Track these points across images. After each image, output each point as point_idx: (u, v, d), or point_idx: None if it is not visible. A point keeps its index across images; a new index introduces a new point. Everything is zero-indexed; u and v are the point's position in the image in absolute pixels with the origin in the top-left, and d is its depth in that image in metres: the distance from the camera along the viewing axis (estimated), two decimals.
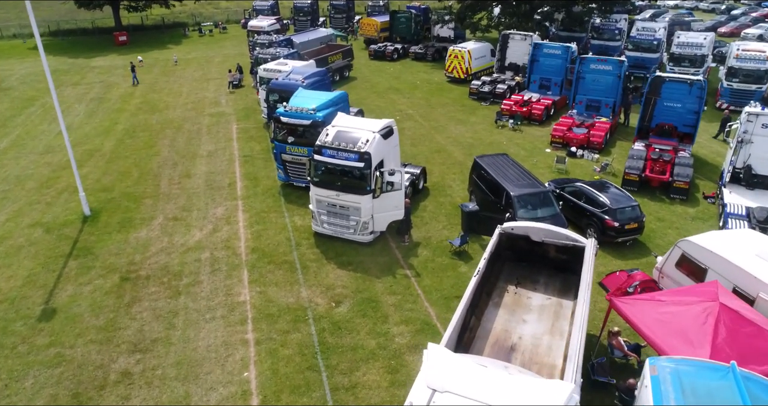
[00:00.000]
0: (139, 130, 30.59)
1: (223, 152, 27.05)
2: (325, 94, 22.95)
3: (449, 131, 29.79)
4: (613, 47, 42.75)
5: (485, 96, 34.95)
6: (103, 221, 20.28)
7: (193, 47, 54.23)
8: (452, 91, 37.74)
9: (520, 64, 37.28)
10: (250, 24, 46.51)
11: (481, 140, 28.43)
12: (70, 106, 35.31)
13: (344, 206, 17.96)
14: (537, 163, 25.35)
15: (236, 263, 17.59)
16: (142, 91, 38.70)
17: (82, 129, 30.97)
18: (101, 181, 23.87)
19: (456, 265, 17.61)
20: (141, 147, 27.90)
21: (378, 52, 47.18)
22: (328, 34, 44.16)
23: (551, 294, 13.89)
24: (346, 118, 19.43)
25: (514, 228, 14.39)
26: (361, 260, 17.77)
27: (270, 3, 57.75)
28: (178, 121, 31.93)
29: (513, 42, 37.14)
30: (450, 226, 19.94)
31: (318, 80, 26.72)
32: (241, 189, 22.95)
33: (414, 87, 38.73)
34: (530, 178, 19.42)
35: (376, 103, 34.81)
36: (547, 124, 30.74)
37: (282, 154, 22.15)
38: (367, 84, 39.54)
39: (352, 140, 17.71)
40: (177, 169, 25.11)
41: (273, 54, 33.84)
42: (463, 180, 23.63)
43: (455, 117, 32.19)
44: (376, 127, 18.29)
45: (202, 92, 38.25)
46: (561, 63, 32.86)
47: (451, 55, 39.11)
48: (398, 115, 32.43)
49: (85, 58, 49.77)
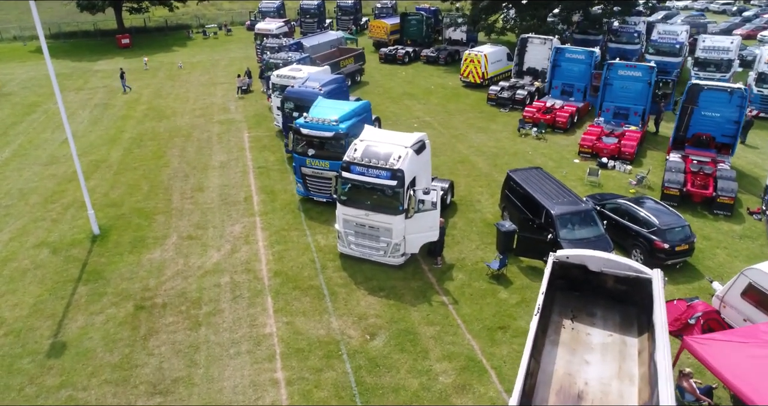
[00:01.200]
0: (147, 138, 29.33)
1: (236, 163, 25.79)
2: (347, 104, 21.71)
3: (471, 140, 28.55)
4: (631, 51, 41.58)
5: (504, 102, 33.73)
6: (114, 241, 19.01)
7: (198, 50, 52.98)
8: (469, 96, 36.51)
9: (539, 69, 36.06)
10: (257, 27, 45.27)
11: (504, 150, 27.20)
12: (74, 113, 34.04)
13: (374, 227, 16.71)
14: (567, 175, 24.11)
15: (259, 289, 16.33)
16: (147, 96, 37.43)
17: (86, 137, 29.70)
18: (109, 195, 22.60)
19: (495, 290, 16.37)
20: (149, 157, 26.63)
21: (389, 55, 45.94)
22: (338, 37, 42.90)
23: (612, 330, 12.63)
24: (375, 132, 18.18)
25: (570, 257, 13.15)
26: (393, 285, 16.53)
27: (276, 4, 56.50)
28: (186, 129, 30.68)
29: (532, 46, 35.91)
30: (484, 246, 18.71)
31: (336, 88, 25.47)
32: (258, 204, 21.69)
33: (429, 92, 37.50)
34: (570, 195, 18.19)
35: (391, 110, 33.57)
36: (571, 133, 29.55)
37: (302, 167, 20.90)
38: (380, 89, 38.30)
39: (382, 156, 16.45)
40: (189, 181, 23.85)
41: (284, 59, 32.58)
42: (491, 193, 22.41)
43: (475, 124, 30.96)
44: (408, 141, 17.03)
45: (209, 98, 36.99)
46: (584, 68, 31.63)
47: (466, 59, 37.88)
48: (415, 123, 31.22)
49: (87, 61, 48.51)
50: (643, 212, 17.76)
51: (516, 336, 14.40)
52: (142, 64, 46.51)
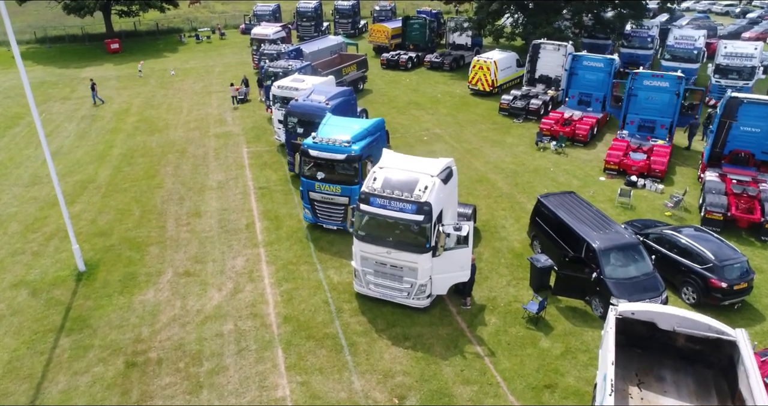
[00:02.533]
0: (138, 154, 27.24)
1: (236, 183, 23.79)
2: (359, 122, 19.78)
3: (486, 155, 26.69)
4: (644, 56, 39.93)
5: (517, 112, 31.90)
6: (101, 279, 16.98)
7: (191, 55, 50.80)
8: (478, 105, 34.66)
9: (552, 77, 34.29)
10: (253, 32, 43.20)
11: (524, 166, 25.35)
12: (59, 126, 31.88)
13: (397, 266, 14.79)
14: (594, 195, 22.31)
15: (267, 339, 14.37)
16: (138, 107, 35.29)
17: (72, 154, 27.58)
18: (97, 222, 20.54)
19: (534, 338, 14.50)
20: (141, 177, 24.57)
21: (391, 61, 44.01)
22: (338, 43, 40.95)
23: (688, 398, 10.81)
24: (395, 157, 16.23)
25: (636, 312, 11.31)
26: (419, 332, 14.62)
27: (272, 8, 54.42)
28: (180, 144, 28.62)
29: (545, 52, 34.11)
30: (515, 282, 16.84)
31: (343, 101, 23.53)
32: (261, 232, 19.72)
33: (436, 101, 35.62)
34: (611, 225, 16.35)
35: (398, 121, 31.66)
36: (592, 146, 27.76)
37: (310, 192, 18.96)
38: (384, 98, 36.37)
39: (406, 186, 14.53)
40: (184, 205, 21.83)
41: (285, 68, 30.59)
42: (515, 217, 20.56)
43: (489, 137, 29.10)
44: (434, 169, 15.11)
45: (204, 108, 34.92)
46: (603, 77, 29.86)
47: (475, 66, 36.03)
48: (425, 136, 29.34)
49: (75, 67, 46.25)
50: (695, 244, 15.93)
51: (566, 397, 12.54)
52: (133, 71, 44.33)
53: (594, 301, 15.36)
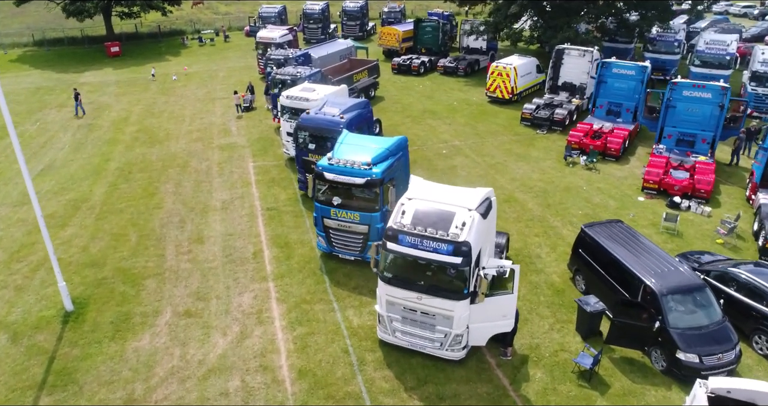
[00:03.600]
0: (136, 169, 25.33)
1: (241, 203, 21.86)
2: (379, 141, 17.80)
3: (511, 171, 24.70)
4: (670, 61, 37.91)
5: (541, 123, 29.88)
6: (91, 320, 15.05)
7: (194, 59, 48.89)
8: (498, 114, 32.66)
9: (576, 84, 32.28)
10: (258, 35, 41.24)
11: (553, 184, 23.35)
12: (53, 137, 30.00)
13: (429, 313, 12.84)
14: (635, 219, 20.31)
15: (279, 399, 12.43)
16: (138, 115, 33.40)
17: (66, 168, 25.69)
18: (89, 249, 18.62)
19: (589, 398, 12.53)
20: (139, 195, 22.65)
21: (403, 65, 42.02)
22: (348, 47, 38.95)
23: None
24: (426, 187, 14.24)
25: (732, 391, 9.33)
26: (454, 390, 12.65)
27: (277, 9, 52.48)
28: (182, 157, 26.70)
29: (568, 58, 32.10)
30: (559, 325, 14.86)
31: (359, 115, 21.57)
32: (270, 262, 17.77)
33: (452, 109, 33.63)
34: (671, 262, 14.37)
35: (413, 132, 29.67)
36: (624, 161, 25.73)
37: (324, 218, 17.01)
38: (397, 106, 34.40)
39: (441, 222, 12.55)
40: (185, 229, 19.91)
41: (293, 75, 28.63)
42: (551, 245, 18.58)
43: (512, 150, 27.10)
44: (471, 201, 13.12)
45: (208, 116, 33.01)
46: (635, 85, 27.83)
47: (494, 72, 34.01)
48: (444, 149, 27.36)
49: (73, 72, 44.35)
50: (766, 285, 13.93)
51: None
52: (133, 76, 42.49)
53: (655, 352, 13.38)
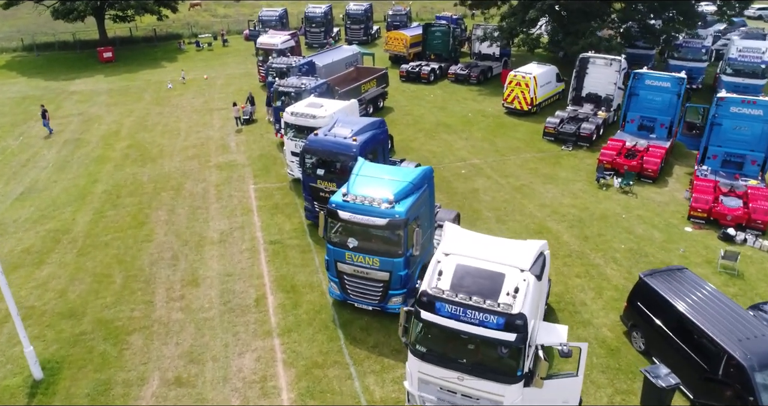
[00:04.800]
0: (125, 193, 22.97)
1: (241, 234, 19.51)
2: (401, 173, 15.41)
3: (539, 195, 22.37)
4: (697, 69, 35.55)
5: (566, 138, 27.54)
6: (63, 392, 12.69)
7: (191, 65, 46.45)
8: (517, 128, 30.32)
9: (602, 95, 29.95)
10: (259, 41, 38.87)
11: (588, 211, 21.01)
12: (36, 154, 27.64)
13: (472, 397, 10.49)
14: (686, 254, 18.00)
15: None
16: (130, 128, 31.02)
17: (49, 191, 23.33)
18: (67, 294, 16.26)
19: None
20: (127, 225, 20.30)
21: (411, 73, 39.64)
22: (354, 53, 36.58)
23: None
24: (464, 237, 11.89)
25: None
26: None
27: (279, 13, 50.04)
28: (176, 178, 24.35)
29: (593, 67, 29.77)
30: (619, 396, 12.52)
31: (373, 136, 19.20)
32: (275, 311, 15.42)
33: (468, 122, 31.27)
34: (752, 324, 12.04)
35: (428, 148, 27.35)
36: (662, 183, 23.40)
37: (338, 262, 14.68)
38: (408, 118, 32.04)
39: (487, 288, 10.21)
40: (178, 267, 17.56)
41: (297, 87, 26.27)
42: (596, 289, 16.25)
43: (538, 170, 24.76)
44: (523, 258, 10.76)
45: (205, 129, 30.65)
46: (670, 98, 25.51)
47: (511, 82, 31.67)
48: (463, 168, 25.02)
49: (63, 79, 41.96)
50: None
51: None
52: (126, 85, 40.15)
53: None
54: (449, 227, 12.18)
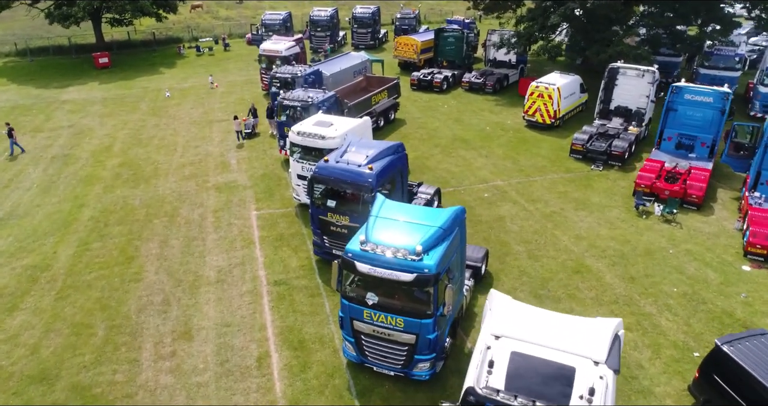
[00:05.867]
0: (114, 220, 20.81)
1: (241, 273, 17.32)
2: (428, 215, 13.14)
3: (573, 224, 20.12)
4: (730, 79, 33.18)
5: (596, 156, 25.28)
6: None
7: (191, 71, 44.34)
8: (540, 143, 28.05)
9: (632, 109, 27.70)
10: (262, 47, 36.65)
11: (630, 244, 18.75)
12: (21, 171, 25.51)
13: None
14: (750, 300, 15.75)
15: None
16: (123, 142, 28.87)
17: (30, 218, 21.17)
18: (40, 351, 14.09)
19: None
20: (114, 260, 18.13)
21: (423, 81, 37.41)
22: (362, 61, 34.29)
23: None
24: (516, 312, 9.69)
25: None
26: None
27: (282, 16, 47.83)
28: (171, 202, 22.19)
29: (624, 78, 27.52)
30: None
31: (391, 164, 16.94)
32: (279, 374, 13.23)
33: (486, 136, 29.02)
34: None
35: (445, 167, 25.13)
36: (707, 210, 21.14)
37: (355, 320, 12.48)
38: (421, 131, 29.81)
39: (552, 383, 8.04)
40: (169, 315, 15.38)
41: (303, 101, 24.09)
42: (653, 346, 14.02)
43: (568, 194, 22.51)
44: (595, 345, 8.56)
45: (204, 144, 28.48)
46: (712, 115, 23.30)
47: (533, 93, 29.41)
48: (486, 191, 22.79)
49: (55, 87, 39.82)
50: None
51: None
52: (121, 93, 38.00)
53: None
54: (497, 297, 9.96)
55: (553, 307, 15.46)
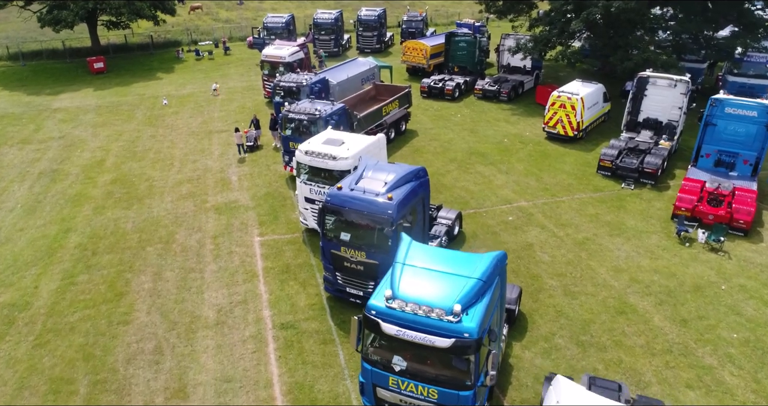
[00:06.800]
0: (104, 247, 18.91)
1: (244, 313, 15.42)
2: (464, 261, 11.23)
3: (609, 253, 18.21)
4: (760, 87, 31.30)
5: (626, 174, 23.36)
6: None
7: (189, 76, 42.42)
8: (563, 158, 26.13)
9: (663, 121, 25.80)
10: (264, 53, 34.75)
11: (676, 278, 16.83)
12: (6, 189, 23.64)
13: None
14: None
15: None
16: (116, 155, 26.98)
17: (11, 245, 19.26)
18: None
19: None
20: (101, 297, 16.23)
21: (434, 88, 35.49)
22: (370, 68, 32.43)
23: None
24: (584, 398, 7.77)
25: None
26: None
27: (285, 19, 45.94)
28: (166, 225, 20.30)
29: (654, 89, 25.60)
30: None
31: (413, 191, 15.03)
32: None
33: (505, 150, 27.11)
34: None
35: (462, 185, 23.23)
36: (756, 237, 19.21)
37: (379, 387, 10.58)
38: (435, 144, 27.89)
39: None
40: (162, 368, 13.48)
41: (311, 114, 22.23)
42: None
43: (599, 217, 20.60)
44: None
45: (203, 158, 26.59)
46: (756, 130, 21.39)
47: (555, 103, 27.47)
48: (510, 213, 20.89)
49: (47, 94, 37.95)
50: None
51: None
52: (116, 100, 36.10)
53: None
54: (565, 387, 8.07)
55: (598, 356, 13.61)
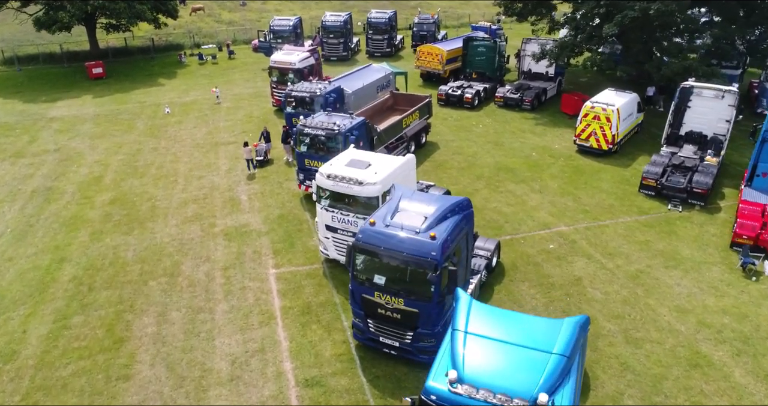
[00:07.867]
0: (102, 281, 16.93)
1: (261, 366, 13.44)
2: (541, 326, 9.22)
3: (668, 289, 16.22)
4: None
5: (673, 194, 21.38)
6: None
7: (193, 82, 40.40)
8: (599, 174, 24.15)
9: (708, 135, 23.84)
10: (273, 59, 32.75)
11: (750, 321, 14.84)
12: None
13: None
14: None
15: None
16: (116, 172, 24.98)
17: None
18: None
19: None
20: (97, 346, 14.24)
21: (452, 96, 33.51)
22: (385, 75, 30.41)
23: None
24: None
25: None
26: None
27: (293, 22, 43.89)
28: (171, 254, 18.31)
29: (699, 100, 23.67)
30: None
31: (457, 226, 12.99)
32: None
33: (535, 165, 25.12)
34: None
35: (493, 206, 21.25)
36: None
37: None
38: (459, 158, 25.89)
39: None
40: None
41: (328, 129, 20.27)
42: None
43: (650, 244, 18.60)
44: None
45: (209, 173, 24.61)
46: None
47: (588, 115, 25.49)
48: (550, 240, 18.89)
49: (43, 101, 35.94)
50: None
51: None
52: (116, 108, 34.12)
53: None
54: None
55: None
